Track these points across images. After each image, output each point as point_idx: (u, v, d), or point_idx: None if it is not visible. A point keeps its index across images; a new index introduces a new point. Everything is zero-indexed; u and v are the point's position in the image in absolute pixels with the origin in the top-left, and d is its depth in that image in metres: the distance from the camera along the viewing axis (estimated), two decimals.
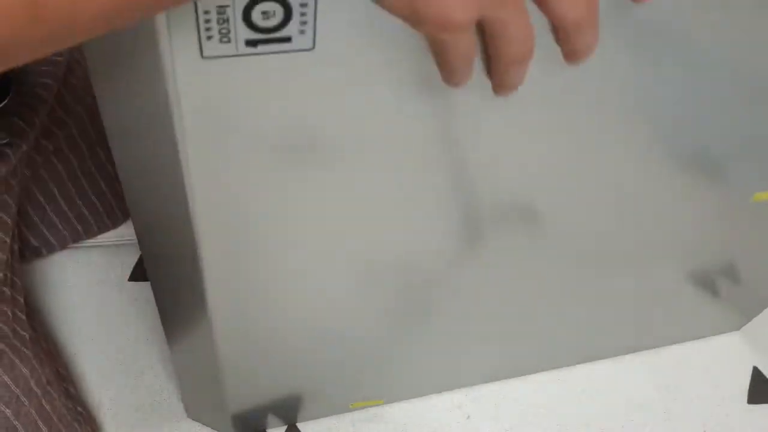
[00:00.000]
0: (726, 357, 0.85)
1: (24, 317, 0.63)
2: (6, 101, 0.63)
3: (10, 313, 0.62)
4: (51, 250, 0.79)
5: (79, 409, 0.68)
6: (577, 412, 0.79)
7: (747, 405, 0.82)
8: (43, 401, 0.61)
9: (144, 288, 0.81)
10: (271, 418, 0.72)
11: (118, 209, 0.81)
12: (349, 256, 0.52)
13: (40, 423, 0.60)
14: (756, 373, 0.85)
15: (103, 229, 0.81)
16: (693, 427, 0.80)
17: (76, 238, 0.79)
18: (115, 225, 0.82)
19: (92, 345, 0.77)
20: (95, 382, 0.74)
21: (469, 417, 0.76)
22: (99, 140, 0.76)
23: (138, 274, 0.82)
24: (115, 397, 0.74)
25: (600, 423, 0.78)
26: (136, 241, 0.83)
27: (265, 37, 0.33)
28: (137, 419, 0.73)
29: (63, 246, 0.79)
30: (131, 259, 0.83)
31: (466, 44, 0.34)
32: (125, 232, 0.84)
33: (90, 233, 0.80)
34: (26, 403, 0.59)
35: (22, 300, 0.65)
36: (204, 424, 0.73)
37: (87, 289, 0.80)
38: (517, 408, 0.78)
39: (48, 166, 0.73)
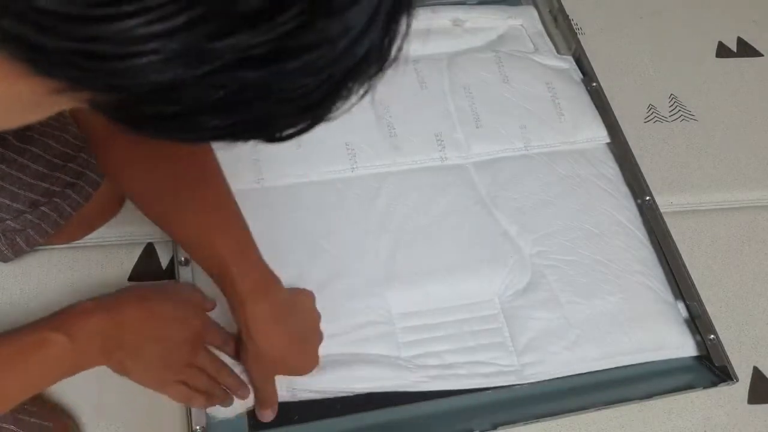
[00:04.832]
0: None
1: None
2: None
3: None
4: None
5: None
6: None
7: (747, 405, 0.82)
8: None
9: None
10: None
11: None
12: None
13: None
14: (756, 373, 0.85)
15: None
16: (693, 427, 0.80)
17: None
18: None
19: None
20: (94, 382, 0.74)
21: None
22: None
23: (138, 274, 0.82)
24: (114, 401, 0.74)
25: (600, 423, 0.79)
26: (136, 241, 0.83)
27: None
28: (138, 423, 0.73)
29: None
30: (131, 259, 0.83)
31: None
32: (125, 231, 0.84)
33: None
34: None
35: None
36: None
37: (87, 289, 0.80)
38: None
39: None
